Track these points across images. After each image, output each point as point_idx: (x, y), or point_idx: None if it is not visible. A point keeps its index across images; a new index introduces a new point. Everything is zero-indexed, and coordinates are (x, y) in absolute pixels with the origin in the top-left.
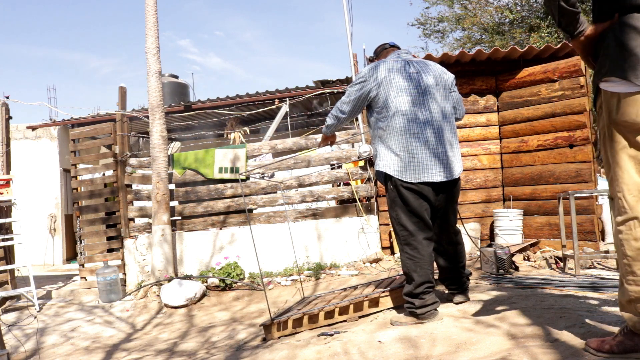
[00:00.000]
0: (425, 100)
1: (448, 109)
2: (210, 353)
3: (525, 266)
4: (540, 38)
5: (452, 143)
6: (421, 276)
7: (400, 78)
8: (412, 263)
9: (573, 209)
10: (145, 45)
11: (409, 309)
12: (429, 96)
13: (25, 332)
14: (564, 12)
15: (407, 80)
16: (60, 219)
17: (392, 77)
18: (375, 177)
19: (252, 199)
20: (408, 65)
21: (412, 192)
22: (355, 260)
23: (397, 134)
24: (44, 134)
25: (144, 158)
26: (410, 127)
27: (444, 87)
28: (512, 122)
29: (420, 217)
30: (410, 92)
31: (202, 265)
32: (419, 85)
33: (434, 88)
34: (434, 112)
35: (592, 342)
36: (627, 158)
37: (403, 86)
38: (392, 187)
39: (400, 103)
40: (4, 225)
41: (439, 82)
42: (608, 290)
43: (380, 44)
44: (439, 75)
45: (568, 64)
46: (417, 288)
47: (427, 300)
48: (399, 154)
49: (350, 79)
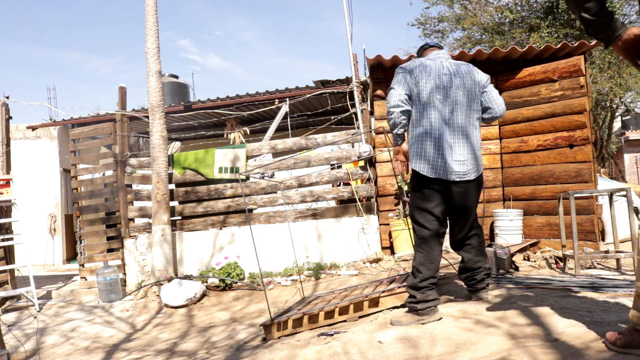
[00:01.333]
0: (452, 103)
1: (475, 112)
2: (210, 353)
3: (525, 266)
4: (540, 38)
5: (474, 145)
6: (429, 270)
7: (430, 79)
8: (423, 256)
9: (573, 209)
10: (145, 45)
11: (409, 303)
12: (456, 98)
13: (25, 332)
14: (588, 22)
15: (437, 80)
16: (60, 219)
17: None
18: (375, 178)
19: (252, 199)
20: (442, 66)
21: (431, 189)
22: (355, 260)
23: (424, 133)
24: (44, 134)
25: (144, 158)
26: (435, 128)
27: (474, 89)
28: (512, 122)
29: (433, 215)
30: (439, 92)
31: (202, 265)
32: (449, 87)
33: (461, 90)
34: (460, 114)
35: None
36: None
37: (432, 87)
38: (416, 181)
39: (429, 103)
40: (4, 225)
41: (470, 85)
42: (608, 290)
43: (423, 44)
44: (470, 77)
45: (568, 64)
46: (423, 282)
47: (428, 296)
48: (425, 151)
49: (350, 79)
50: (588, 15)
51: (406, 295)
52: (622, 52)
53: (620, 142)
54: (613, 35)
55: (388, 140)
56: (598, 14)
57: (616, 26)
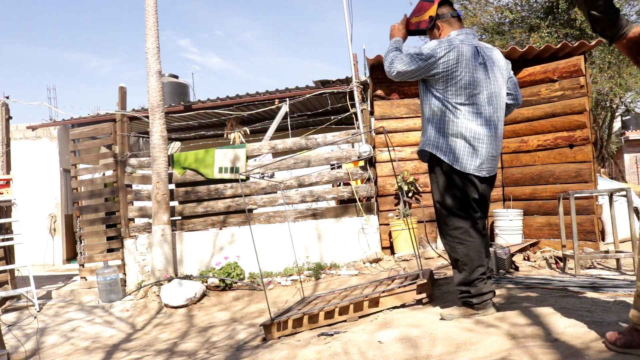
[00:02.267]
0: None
1: (504, 101)
2: (210, 353)
3: (525, 266)
4: (540, 38)
5: (501, 139)
6: (478, 260)
7: (472, 67)
8: (466, 247)
9: (573, 209)
10: (145, 45)
11: (464, 298)
12: (493, 90)
13: (25, 332)
14: (596, 19)
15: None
16: (60, 219)
17: (465, 65)
18: (375, 178)
19: (252, 199)
20: (477, 53)
21: (463, 180)
22: (355, 260)
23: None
24: (44, 134)
25: (144, 158)
26: (474, 119)
27: (505, 77)
28: (512, 122)
29: (469, 204)
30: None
31: (202, 265)
32: (488, 77)
33: (500, 80)
34: (498, 107)
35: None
36: None
37: (475, 78)
38: (441, 171)
39: (467, 97)
40: (4, 225)
41: (503, 72)
42: (608, 290)
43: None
44: (501, 64)
45: (568, 64)
46: (473, 273)
47: (482, 289)
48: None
49: (350, 79)
50: (596, 12)
51: (406, 296)
52: (626, 49)
53: (620, 142)
54: (619, 32)
55: (388, 140)
56: (606, 11)
57: (622, 24)
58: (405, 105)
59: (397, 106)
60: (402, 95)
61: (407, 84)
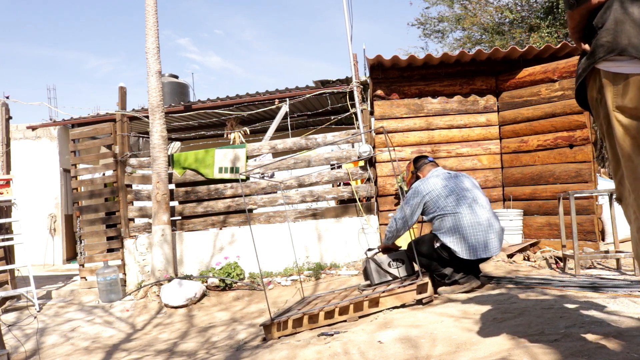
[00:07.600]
0: (472, 198)
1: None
2: (210, 353)
3: (526, 266)
4: (540, 38)
5: (498, 228)
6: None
7: (445, 189)
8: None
9: (573, 209)
10: (145, 45)
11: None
12: (474, 195)
13: (25, 332)
14: None
15: (448, 188)
16: (60, 219)
17: (442, 196)
18: (375, 178)
19: (252, 199)
20: (446, 176)
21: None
22: (355, 260)
23: (458, 227)
24: (44, 134)
25: (144, 158)
26: (467, 221)
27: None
28: (512, 122)
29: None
30: (457, 194)
31: (202, 265)
32: (462, 188)
33: (467, 182)
34: (484, 207)
35: None
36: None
37: (447, 193)
38: (438, 245)
39: (451, 204)
40: (4, 225)
41: (475, 183)
42: (608, 290)
43: (419, 157)
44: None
45: (568, 64)
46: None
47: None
48: (457, 236)
49: (350, 79)
50: None
51: (406, 296)
52: (578, 18)
53: None
54: None
55: (388, 140)
56: None
57: None
58: (405, 105)
59: (397, 106)
60: (402, 95)
61: (407, 84)
